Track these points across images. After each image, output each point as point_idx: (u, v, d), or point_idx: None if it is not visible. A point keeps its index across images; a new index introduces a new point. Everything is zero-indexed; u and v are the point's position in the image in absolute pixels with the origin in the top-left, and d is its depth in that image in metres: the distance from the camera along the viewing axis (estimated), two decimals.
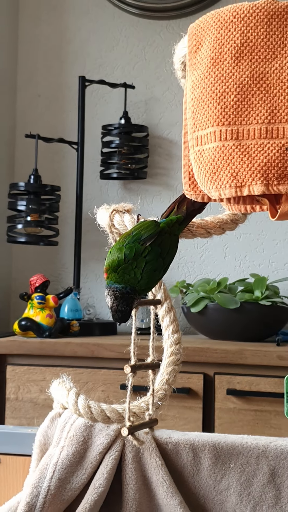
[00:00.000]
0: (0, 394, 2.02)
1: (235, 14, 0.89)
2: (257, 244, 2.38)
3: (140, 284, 0.95)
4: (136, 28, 2.49)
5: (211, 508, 1.06)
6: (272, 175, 0.84)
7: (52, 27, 2.55)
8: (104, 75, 2.47)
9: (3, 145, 2.47)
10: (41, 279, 2.15)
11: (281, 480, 1.05)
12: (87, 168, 2.43)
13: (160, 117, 2.46)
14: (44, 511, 1.01)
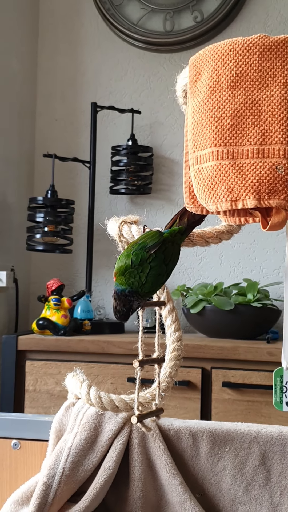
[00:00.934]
0: (20, 386, 2.02)
1: (231, 48, 0.89)
2: (250, 252, 2.38)
3: (145, 287, 0.95)
4: (142, 60, 2.50)
5: (208, 487, 1.06)
6: (264, 190, 0.84)
7: (67, 59, 2.56)
8: (114, 102, 2.48)
9: (24, 164, 2.48)
10: (57, 283, 2.15)
11: (271, 463, 1.05)
12: (98, 184, 2.43)
13: (163, 139, 2.47)
14: (59, 490, 1.01)
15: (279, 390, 1.03)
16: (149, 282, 0.95)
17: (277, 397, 1.03)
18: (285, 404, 1.03)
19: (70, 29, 2.57)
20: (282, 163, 0.83)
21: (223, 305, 2.02)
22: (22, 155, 2.46)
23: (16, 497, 1.05)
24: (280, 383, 1.03)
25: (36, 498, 1.00)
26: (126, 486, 1.06)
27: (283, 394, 1.03)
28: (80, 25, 2.56)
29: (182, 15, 2.46)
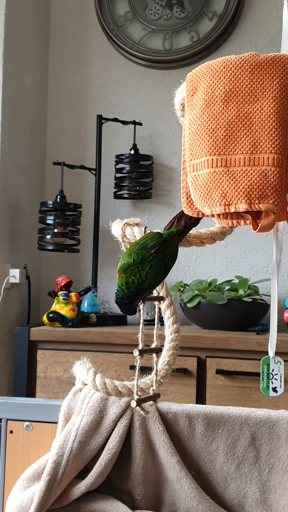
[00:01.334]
0: (32, 373, 2.02)
1: (224, 65, 0.90)
2: (241, 252, 2.38)
3: (144, 284, 0.96)
4: (143, 76, 2.50)
5: (203, 465, 1.06)
6: (254, 195, 0.84)
7: (75, 75, 2.56)
8: (117, 114, 2.48)
9: (35, 171, 2.48)
10: (65, 280, 2.16)
11: (260, 443, 1.05)
12: (103, 190, 2.43)
13: (163, 149, 2.47)
14: (68, 468, 1.01)
15: (266, 377, 1.03)
16: (148, 279, 0.96)
17: (264, 383, 1.03)
18: (271, 389, 1.04)
19: (77, 48, 2.57)
20: (271, 170, 0.84)
21: (217, 300, 2.02)
22: (34, 163, 2.46)
23: (28, 473, 1.06)
24: (267, 371, 1.03)
25: (47, 475, 1.00)
26: (128, 464, 1.07)
27: (269, 381, 1.03)
28: (86, 44, 2.56)
29: (180, 35, 2.46)
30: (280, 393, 1.04)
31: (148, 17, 2.48)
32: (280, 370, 1.04)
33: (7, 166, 2.20)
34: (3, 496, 1.15)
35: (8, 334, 2.21)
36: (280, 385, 1.03)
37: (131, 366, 1.93)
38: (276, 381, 1.03)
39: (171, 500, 1.05)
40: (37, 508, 0.99)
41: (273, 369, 1.04)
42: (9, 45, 2.19)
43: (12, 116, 2.24)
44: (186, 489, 1.03)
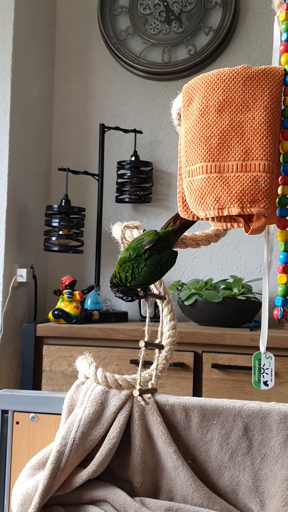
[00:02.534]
0: (38, 367, 2.02)
1: (218, 77, 0.89)
2: (235, 253, 2.38)
3: (136, 280, 0.96)
4: (144, 87, 2.50)
5: (198, 455, 1.06)
6: (246, 200, 0.84)
7: (79, 86, 2.56)
8: (119, 123, 2.48)
9: (42, 176, 2.48)
10: (70, 279, 2.15)
11: (252, 434, 1.05)
12: (106, 194, 2.43)
13: (162, 156, 2.47)
14: (71, 457, 1.01)
15: (258, 371, 1.03)
16: (141, 276, 0.96)
17: (255, 377, 1.03)
18: (262, 383, 1.03)
19: (81, 61, 2.57)
20: (262, 176, 0.83)
21: (213, 298, 2.02)
22: (40, 169, 2.46)
23: (33, 462, 1.05)
24: (258, 365, 1.03)
25: (51, 464, 1.00)
26: (128, 453, 1.07)
27: (260, 375, 1.03)
28: (90, 57, 2.56)
29: (178, 48, 2.46)
30: (270, 387, 1.03)
31: (148, 31, 2.48)
32: (270, 364, 1.03)
33: (15, 172, 2.20)
34: (10, 484, 1.15)
35: (15, 330, 2.21)
36: (271, 379, 1.03)
37: (132, 361, 1.93)
38: (267, 375, 1.03)
39: (169, 488, 1.05)
40: (41, 495, 0.99)
41: (264, 364, 1.03)
42: (17, 58, 2.19)
43: (20, 125, 2.24)
44: (182, 477, 1.03)
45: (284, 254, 0.91)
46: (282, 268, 0.92)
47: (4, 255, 2.13)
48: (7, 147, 2.15)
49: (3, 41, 2.16)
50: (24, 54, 2.26)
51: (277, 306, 0.93)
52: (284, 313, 0.94)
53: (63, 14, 2.60)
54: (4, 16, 2.17)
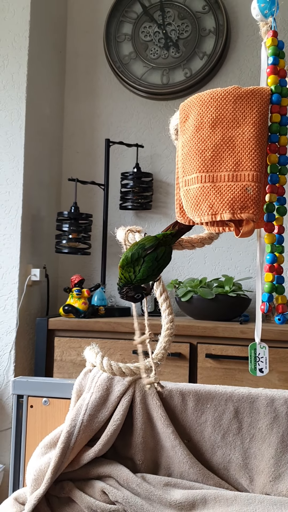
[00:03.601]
0: (50, 357, 2.02)
1: (212, 96, 0.89)
2: (227, 254, 2.38)
3: (137, 277, 0.96)
4: (145, 106, 2.50)
5: (193, 435, 1.06)
6: (237, 206, 0.84)
7: (87, 105, 2.57)
8: (123, 138, 2.48)
9: (53, 186, 2.48)
10: (78, 278, 2.15)
11: (242, 416, 1.05)
12: (111, 202, 2.43)
13: (161, 167, 2.47)
14: (79, 437, 1.01)
15: (254, 360, 1.03)
16: (141, 272, 0.96)
17: (252, 365, 1.03)
18: (258, 370, 1.03)
19: (89, 83, 2.57)
20: (251, 185, 0.83)
21: (206, 295, 2.02)
22: (52, 179, 2.47)
23: (45, 442, 1.05)
24: (254, 355, 1.03)
25: (61, 443, 1.00)
26: (130, 434, 1.06)
27: (256, 363, 1.03)
28: (96, 79, 2.56)
29: (176, 71, 2.46)
30: (265, 373, 1.03)
31: (148, 56, 2.48)
32: (265, 353, 1.03)
33: (30, 182, 2.21)
34: (25, 461, 1.15)
35: (30, 324, 2.21)
36: (266, 366, 1.03)
37: (134, 351, 1.92)
38: (262, 363, 1.03)
39: (167, 465, 1.05)
40: (53, 471, 0.99)
41: (259, 353, 1.03)
42: (31, 80, 2.20)
43: (34, 140, 2.24)
44: (179, 456, 1.03)
45: (270, 255, 0.91)
46: (268, 267, 0.92)
47: (19, 256, 2.13)
48: (22, 159, 2.15)
49: (19, 65, 2.17)
50: (37, 77, 2.26)
51: (263, 302, 0.93)
52: (270, 307, 0.94)
53: (73, 41, 2.60)
54: (20, 43, 2.17)
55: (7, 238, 2.14)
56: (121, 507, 0.96)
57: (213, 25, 2.41)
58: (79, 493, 0.99)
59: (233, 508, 0.94)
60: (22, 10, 2.18)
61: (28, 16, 2.17)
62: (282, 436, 1.02)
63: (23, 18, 2.18)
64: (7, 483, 2.04)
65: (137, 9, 2.50)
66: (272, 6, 0.91)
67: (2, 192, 2.15)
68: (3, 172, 2.15)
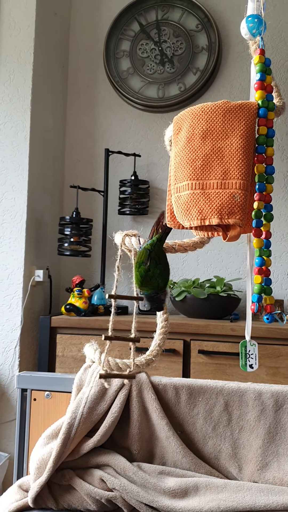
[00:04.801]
0: (52, 353, 2.02)
1: (202, 110, 0.90)
2: (218, 257, 2.38)
3: (160, 285, 0.98)
4: (142, 118, 2.50)
5: (186, 427, 1.06)
6: (224, 212, 0.84)
7: (87, 116, 2.57)
8: (121, 148, 2.48)
9: (56, 192, 2.48)
10: (79, 279, 2.15)
11: (232, 409, 1.05)
12: (110, 207, 2.44)
13: (157, 175, 2.47)
14: (79, 428, 1.01)
15: (244, 356, 1.03)
16: (162, 280, 0.98)
17: (242, 361, 1.03)
18: (248, 366, 1.03)
19: (89, 96, 2.58)
20: (238, 193, 0.84)
21: (199, 295, 2.02)
22: (55, 186, 2.47)
23: (48, 433, 1.05)
24: (244, 351, 1.03)
25: (62, 434, 1.00)
26: (127, 425, 1.06)
27: (246, 359, 1.03)
28: (97, 92, 2.57)
29: (171, 86, 2.46)
30: (255, 369, 1.04)
31: (145, 71, 2.48)
32: (255, 350, 1.04)
33: (34, 188, 2.21)
34: (28, 451, 1.15)
35: (33, 321, 2.20)
36: (255, 362, 1.03)
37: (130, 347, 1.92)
38: (252, 359, 1.03)
39: (161, 454, 1.05)
40: (54, 460, 0.99)
41: (249, 350, 1.04)
42: (36, 94, 2.20)
43: (38, 149, 2.24)
44: (173, 446, 1.03)
45: (258, 259, 0.91)
46: (257, 270, 0.92)
47: (24, 258, 2.13)
48: (27, 167, 2.15)
49: (24, 79, 2.17)
50: (41, 90, 2.27)
51: (253, 302, 0.94)
52: (259, 307, 0.94)
53: (75, 56, 2.60)
54: (25, 58, 2.17)
55: (13, 241, 2.14)
56: (118, 494, 0.96)
57: (206, 42, 2.42)
58: (79, 481, 0.99)
59: (223, 495, 0.94)
60: (27, 28, 2.18)
61: (33, 34, 2.18)
62: (269, 427, 1.02)
63: (28, 36, 2.18)
64: (11, 471, 2.03)
65: (135, 27, 2.50)
66: (260, 26, 0.92)
67: (8, 198, 2.15)
68: (9, 179, 2.15)
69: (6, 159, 2.16)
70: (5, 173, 2.16)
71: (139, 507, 0.96)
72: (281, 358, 1.82)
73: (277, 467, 1.00)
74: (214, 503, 0.93)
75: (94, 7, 2.58)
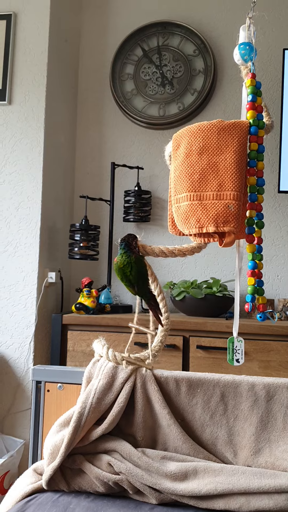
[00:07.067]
0: (64, 348, 2.02)
1: (199, 128, 0.90)
2: (214, 260, 2.38)
3: (144, 292, 0.99)
4: (144, 134, 2.51)
5: (186, 416, 1.06)
6: (220, 221, 0.84)
7: (95, 133, 2.57)
8: (126, 161, 2.49)
9: (67, 202, 2.48)
10: (88, 280, 2.16)
11: (227, 399, 1.04)
12: (115, 215, 2.44)
13: (158, 186, 2.47)
14: (89, 417, 1.01)
15: (231, 352, 1.03)
16: (139, 289, 0.99)
17: (230, 356, 1.03)
18: (235, 361, 1.03)
19: (97, 114, 2.58)
20: (232, 203, 0.84)
21: (197, 295, 2.02)
22: (66, 196, 2.47)
23: (60, 421, 1.05)
24: (232, 347, 1.03)
25: (73, 422, 1.00)
26: (132, 414, 1.06)
27: (233, 354, 1.03)
28: (104, 112, 2.57)
29: (171, 105, 2.47)
30: (241, 363, 1.04)
31: (148, 92, 2.49)
32: (241, 346, 1.04)
33: (47, 199, 2.21)
34: (42, 438, 1.15)
35: (46, 319, 2.21)
36: (241, 357, 1.03)
37: (135, 343, 1.92)
38: (238, 355, 1.03)
39: (163, 441, 1.05)
40: (66, 446, 0.99)
41: (236, 346, 1.03)
42: (49, 113, 2.21)
43: (51, 163, 2.25)
44: (174, 433, 1.03)
45: (251, 262, 0.91)
46: (250, 273, 0.92)
47: (38, 262, 2.13)
48: (41, 180, 2.16)
49: (38, 99, 2.18)
50: (54, 109, 2.27)
51: (247, 302, 0.94)
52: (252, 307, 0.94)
53: (84, 79, 2.61)
54: (39, 81, 2.18)
55: (28, 247, 2.14)
56: (124, 477, 0.96)
57: (202, 66, 2.42)
58: (89, 465, 0.99)
59: (220, 478, 0.94)
60: (41, 54, 2.19)
61: (46, 59, 2.19)
62: (261, 416, 1.02)
63: (42, 60, 2.19)
64: (27, 456, 2.03)
65: (138, 52, 2.51)
66: (251, 53, 0.92)
67: (24, 207, 2.16)
68: (25, 191, 2.16)
69: (22, 172, 2.17)
70: (21, 185, 2.17)
71: (143, 489, 0.95)
72: (272, 353, 1.82)
73: (269, 452, 1.00)
74: (212, 485, 0.92)
75: (101, 34, 2.59)
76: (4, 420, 2.09)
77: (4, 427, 2.09)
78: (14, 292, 2.13)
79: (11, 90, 2.20)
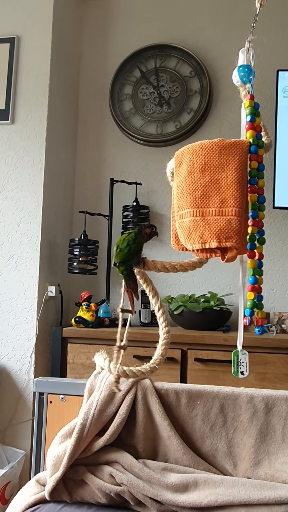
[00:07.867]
0: (64, 360, 2.01)
1: (201, 146, 0.91)
2: (212, 274, 2.39)
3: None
4: (142, 152, 2.53)
5: (186, 427, 1.06)
6: (222, 237, 0.85)
7: (95, 150, 2.60)
8: (124, 177, 2.51)
9: (67, 217, 2.49)
10: (87, 294, 2.16)
11: (227, 411, 1.04)
12: (114, 230, 2.45)
13: (156, 201, 2.49)
14: (91, 428, 1.01)
15: (236, 364, 1.03)
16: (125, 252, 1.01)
17: (234, 369, 1.03)
18: (240, 373, 1.03)
19: (97, 132, 2.61)
20: (234, 219, 0.85)
21: (195, 308, 2.02)
22: (66, 211, 2.48)
23: (62, 432, 1.05)
24: (236, 360, 1.03)
25: (76, 433, 0.99)
26: (133, 425, 1.06)
27: (238, 367, 1.03)
28: (103, 130, 2.60)
29: (168, 124, 2.50)
30: (246, 376, 1.04)
31: (145, 112, 2.52)
32: (245, 359, 1.04)
33: (47, 214, 2.22)
34: (45, 448, 1.14)
35: (47, 332, 2.20)
36: (246, 369, 1.03)
37: (134, 355, 1.92)
38: (243, 367, 1.03)
39: (164, 452, 1.04)
40: (69, 457, 0.98)
41: (240, 358, 1.04)
42: (50, 131, 2.23)
43: (51, 179, 2.26)
44: (174, 444, 1.02)
45: (252, 278, 0.92)
46: (250, 287, 0.93)
47: (38, 276, 2.13)
48: (42, 196, 2.17)
49: (39, 119, 2.20)
50: (55, 128, 2.30)
51: (245, 316, 0.94)
52: (251, 320, 0.95)
53: (84, 99, 2.64)
54: (41, 101, 2.21)
55: (28, 261, 2.14)
56: (126, 488, 0.95)
57: (198, 86, 2.46)
58: (91, 476, 0.98)
59: (220, 490, 0.93)
60: (43, 75, 2.22)
61: (48, 80, 2.22)
62: (260, 428, 1.01)
63: (44, 82, 2.22)
64: (28, 467, 2.01)
65: (136, 73, 2.55)
66: (250, 75, 0.94)
67: (25, 222, 2.17)
68: (26, 206, 2.17)
69: (24, 188, 2.18)
70: (22, 201, 2.18)
71: (144, 500, 0.95)
72: (268, 365, 1.82)
73: (268, 464, 0.99)
74: (212, 497, 0.92)
75: (101, 56, 2.63)
76: (5, 431, 2.07)
77: (5, 438, 2.06)
78: (15, 305, 2.13)
79: (14, 110, 2.22)
